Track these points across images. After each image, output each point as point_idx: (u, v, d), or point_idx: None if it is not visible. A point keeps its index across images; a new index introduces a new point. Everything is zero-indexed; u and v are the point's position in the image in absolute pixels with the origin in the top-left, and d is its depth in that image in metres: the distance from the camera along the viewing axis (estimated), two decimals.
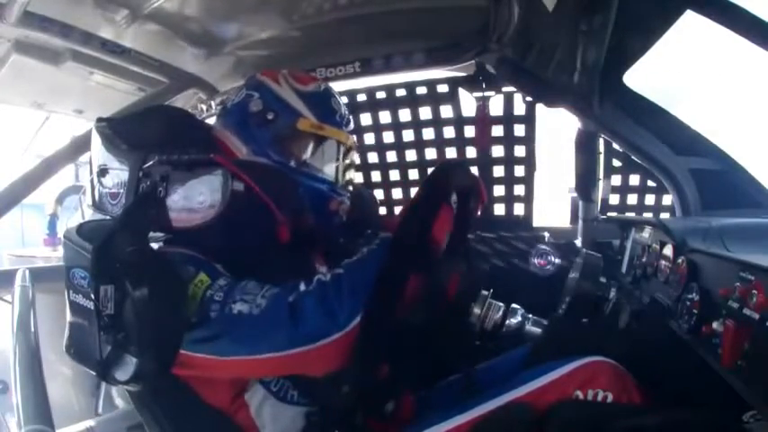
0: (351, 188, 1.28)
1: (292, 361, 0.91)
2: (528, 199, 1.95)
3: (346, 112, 1.24)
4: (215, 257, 0.97)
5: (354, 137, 1.31)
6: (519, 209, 1.96)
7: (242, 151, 1.14)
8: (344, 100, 1.92)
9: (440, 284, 1.00)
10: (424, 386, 1.27)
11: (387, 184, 2.07)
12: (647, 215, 1.83)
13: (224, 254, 0.98)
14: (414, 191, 1.64)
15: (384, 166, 2.06)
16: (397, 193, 2.11)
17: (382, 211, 2.04)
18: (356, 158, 1.45)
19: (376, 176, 2.08)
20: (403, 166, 2.03)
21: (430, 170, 1.22)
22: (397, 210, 2.11)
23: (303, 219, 1.10)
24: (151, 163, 0.96)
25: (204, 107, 1.84)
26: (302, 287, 0.91)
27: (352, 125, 1.27)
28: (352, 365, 0.87)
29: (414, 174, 2.03)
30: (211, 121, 1.52)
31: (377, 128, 1.99)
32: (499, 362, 1.24)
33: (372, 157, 2.05)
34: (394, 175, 2.05)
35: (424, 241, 0.89)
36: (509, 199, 1.96)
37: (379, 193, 2.07)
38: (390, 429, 1.04)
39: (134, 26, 1.42)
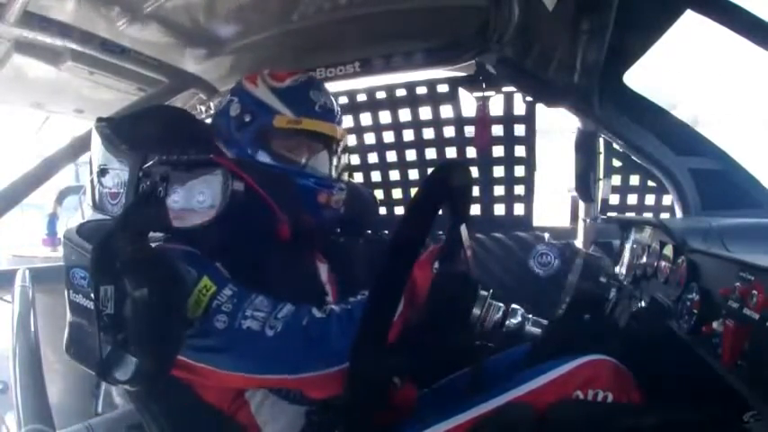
0: (345, 178, 1.27)
1: (297, 383, 0.94)
2: (528, 199, 1.95)
3: (330, 103, 1.21)
4: (215, 257, 0.97)
5: (353, 135, 1.30)
6: (519, 209, 1.96)
7: (227, 156, 1.14)
8: (344, 100, 1.93)
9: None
10: (424, 386, 1.27)
11: (387, 184, 2.07)
12: (647, 215, 1.82)
13: (225, 253, 0.98)
14: (414, 191, 1.64)
15: (384, 166, 2.06)
16: (397, 193, 2.11)
17: (382, 210, 2.04)
18: (348, 158, 1.44)
19: (376, 176, 2.08)
20: (403, 166, 2.03)
21: (430, 170, 1.22)
22: (398, 210, 2.12)
23: (301, 216, 1.11)
24: (151, 163, 0.96)
25: (203, 108, 1.84)
26: (316, 313, 0.93)
27: (339, 115, 1.24)
28: (352, 364, 0.87)
29: (414, 174, 2.03)
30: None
31: (377, 128, 1.99)
32: (499, 360, 1.24)
33: (372, 158, 2.05)
34: (394, 175, 2.06)
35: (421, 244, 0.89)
36: (509, 199, 1.96)
37: (379, 194, 2.07)
38: (391, 428, 1.04)
39: (134, 26, 1.42)
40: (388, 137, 2.00)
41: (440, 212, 0.91)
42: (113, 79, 1.65)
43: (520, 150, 1.88)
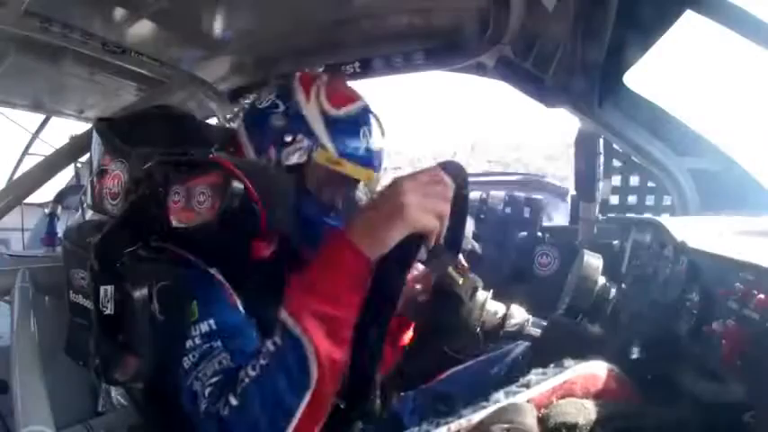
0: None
1: None
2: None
3: (376, 144, 1.12)
4: (213, 258, 0.97)
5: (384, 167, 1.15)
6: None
7: (246, 151, 1.12)
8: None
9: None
10: (420, 384, 1.27)
11: None
12: (647, 215, 1.83)
13: (223, 254, 0.98)
14: None
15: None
16: None
17: None
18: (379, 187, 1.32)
19: None
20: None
21: None
22: None
23: (292, 239, 1.02)
24: (151, 163, 0.96)
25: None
26: (232, 400, 0.74)
27: (381, 159, 1.14)
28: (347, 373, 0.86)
29: None
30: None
31: None
32: (499, 360, 1.24)
33: None
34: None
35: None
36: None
37: None
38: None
39: (134, 26, 1.42)
40: None
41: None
42: (113, 79, 1.65)
43: None
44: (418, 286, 1.15)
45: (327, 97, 1.09)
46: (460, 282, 1.08)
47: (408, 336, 1.20)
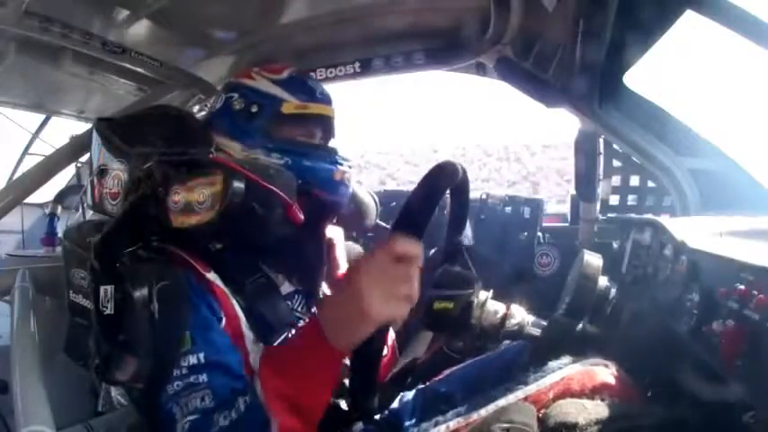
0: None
1: None
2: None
3: (324, 89, 1.23)
4: (213, 258, 0.97)
5: None
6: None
7: (236, 149, 1.13)
8: None
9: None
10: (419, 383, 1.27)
11: None
12: (647, 215, 1.83)
13: (222, 254, 0.98)
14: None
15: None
16: None
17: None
18: None
19: None
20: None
21: None
22: None
23: (312, 198, 1.09)
24: (151, 163, 0.96)
25: (197, 108, 1.82)
26: None
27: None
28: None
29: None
30: None
31: None
32: (498, 360, 1.24)
33: None
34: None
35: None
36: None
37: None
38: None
39: (134, 26, 1.42)
40: None
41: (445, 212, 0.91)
42: (113, 79, 1.65)
43: None
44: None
45: (267, 71, 1.19)
46: (451, 306, 1.09)
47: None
